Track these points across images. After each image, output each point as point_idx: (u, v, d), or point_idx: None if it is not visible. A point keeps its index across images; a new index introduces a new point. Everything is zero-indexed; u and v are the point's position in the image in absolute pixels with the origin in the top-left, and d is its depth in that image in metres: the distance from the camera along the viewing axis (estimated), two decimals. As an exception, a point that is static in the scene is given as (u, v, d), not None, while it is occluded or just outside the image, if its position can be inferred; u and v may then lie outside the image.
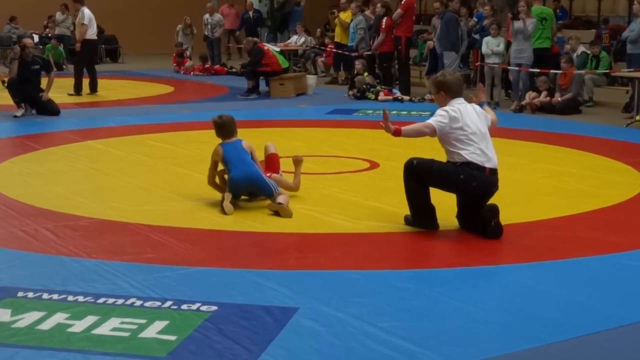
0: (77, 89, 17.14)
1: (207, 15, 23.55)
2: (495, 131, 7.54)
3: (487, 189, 6.95)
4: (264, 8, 32.00)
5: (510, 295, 5.53)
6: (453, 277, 5.93)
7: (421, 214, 7.13)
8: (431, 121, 6.93)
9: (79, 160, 10.07)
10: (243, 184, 7.83)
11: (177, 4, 25.07)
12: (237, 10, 25.15)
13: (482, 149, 6.91)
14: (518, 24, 15.22)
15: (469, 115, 6.94)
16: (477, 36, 16.95)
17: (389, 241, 6.80)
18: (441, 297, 5.45)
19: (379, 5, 17.70)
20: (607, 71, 16.08)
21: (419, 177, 7.05)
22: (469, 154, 6.85)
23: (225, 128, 8.11)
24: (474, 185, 6.83)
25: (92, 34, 17.27)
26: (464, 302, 5.35)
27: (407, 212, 7.25)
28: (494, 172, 6.95)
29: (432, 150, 7.42)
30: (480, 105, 7.31)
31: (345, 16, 19.87)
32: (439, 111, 6.97)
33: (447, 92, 7.05)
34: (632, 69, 14.65)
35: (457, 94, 7.07)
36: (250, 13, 24.27)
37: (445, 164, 7.05)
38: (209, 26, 23.47)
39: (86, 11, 17.21)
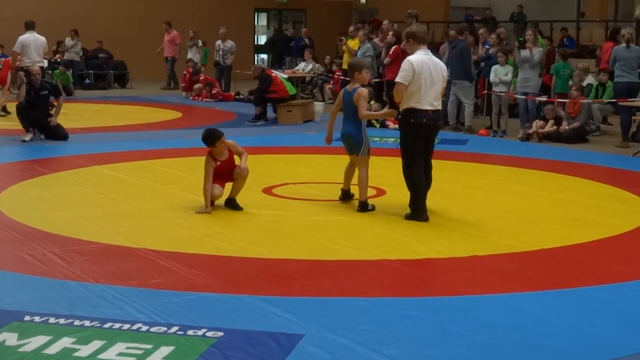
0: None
1: (219, 42, 23.62)
2: (502, 159, 7.57)
3: (431, 124, 8.56)
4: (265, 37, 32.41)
5: (515, 324, 5.53)
6: (459, 305, 5.93)
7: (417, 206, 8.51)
8: (400, 79, 8.43)
9: (87, 185, 10.11)
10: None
11: (185, 29, 25.17)
12: (173, 36, 25.41)
13: (429, 95, 8.45)
14: (525, 53, 15.29)
15: (423, 67, 8.43)
16: (482, 64, 16.99)
17: (395, 269, 6.81)
18: (447, 325, 5.46)
19: (390, 33, 17.76)
20: (615, 100, 16.11)
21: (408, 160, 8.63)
22: (416, 101, 8.44)
23: None
24: (424, 121, 8.45)
25: (28, 62, 16.95)
26: (470, 330, 5.36)
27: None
28: (435, 112, 8.57)
29: (437, 179, 7.44)
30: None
31: (353, 44, 19.96)
32: (403, 65, 8.50)
33: (414, 39, 8.64)
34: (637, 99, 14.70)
35: (423, 41, 8.70)
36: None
37: (401, 135, 8.70)
38: (221, 52, 23.55)
39: (21, 38, 17.24)
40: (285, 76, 18.90)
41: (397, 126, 16.15)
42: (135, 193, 9.74)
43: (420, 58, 8.50)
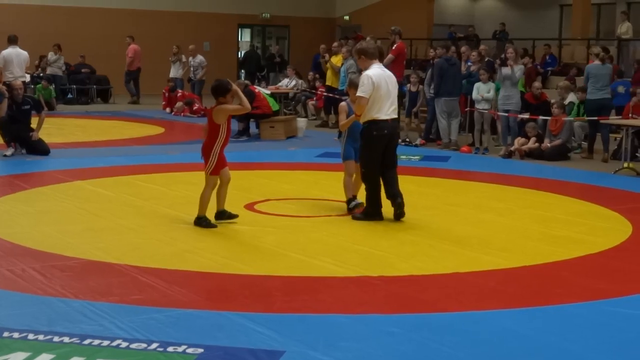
0: None
1: (190, 57, 23.69)
2: (484, 176, 7.58)
3: (392, 132, 9.24)
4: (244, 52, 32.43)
5: (497, 341, 5.52)
6: (440, 322, 5.92)
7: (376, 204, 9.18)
8: (362, 94, 8.95)
9: (68, 201, 10.06)
10: None
11: (168, 45, 25.16)
12: (128, 50, 25.55)
13: (386, 106, 9.07)
14: (506, 70, 15.38)
15: (381, 80, 9.03)
16: (464, 82, 17.06)
17: (377, 285, 6.80)
18: (428, 342, 5.45)
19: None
20: (596, 118, 16.19)
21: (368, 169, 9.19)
22: (376, 112, 9.03)
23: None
24: (386, 132, 9.09)
25: (10, 76, 16.93)
26: (451, 348, 5.35)
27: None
28: (394, 120, 9.28)
29: (420, 195, 7.46)
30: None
31: (336, 60, 19.99)
32: (362, 80, 9.02)
33: (366, 55, 9.18)
34: (619, 117, 14.79)
35: (374, 56, 9.20)
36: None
37: (363, 146, 9.18)
38: (192, 68, 23.61)
39: (3, 52, 17.16)
40: (268, 92, 18.91)
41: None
42: (117, 208, 9.70)
43: (377, 72, 9.13)
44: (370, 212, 9.27)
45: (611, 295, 6.63)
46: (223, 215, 8.91)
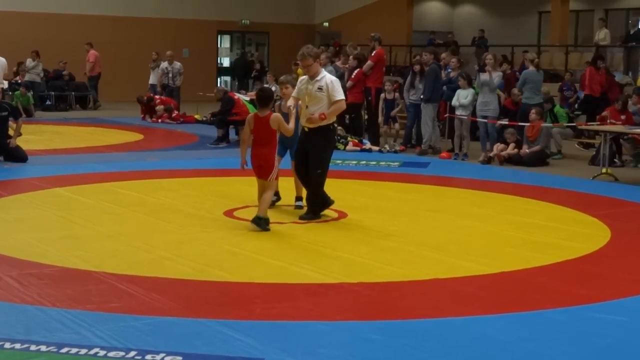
0: None
1: (165, 64, 23.51)
2: (464, 182, 7.59)
3: None
4: (235, 58, 32.42)
5: (477, 347, 5.52)
6: (421, 328, 5.91)
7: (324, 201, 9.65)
8: (342, 96, 9.51)
9: (46, 208, 9.99)
10: None
11: (148, 52, 25.09)
12: (89, 55, 25.69)
13: None
14: (484, 77, 15.45)
15: None
16: (444, 88, 17.09)
17: (357, 292, 6.78)
18: (408, 350, 5.44)
19: (351, 57, 17.81)
20: (574, 124, 16.29)
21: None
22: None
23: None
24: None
25: None
26: (431, 355, 5.34)
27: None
28: None
29: (399, 202, 7.46)
30: None
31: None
32: (337, 83, 9.57)
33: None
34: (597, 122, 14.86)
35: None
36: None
37: (325, 147, 9.57)
38: (170, 74, 23.47)
39: None
40: (248, 98, 18.87)
41: (355, 148, 16.33)
42: (95, 216, 9.64)
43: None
44: (327, 202, 9.73)
45: (590, 300, 6.64)
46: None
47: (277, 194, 10.10)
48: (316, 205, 9.67)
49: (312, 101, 9.49)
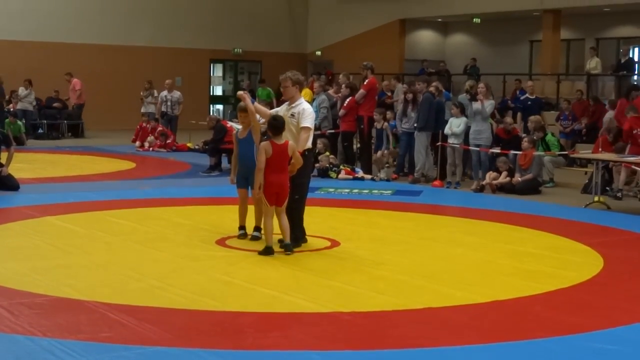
0: None
1: (164, 92, 23.54)
2: (456, 210, 7.58)
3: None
4: (228, 86, 32.51)
5: (470, 377, 5.49)
6: (413, 358, 5.89)
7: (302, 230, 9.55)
8: (310, 125, 9.52)
9: (37, 237, 9.95)
10: None
11: (141, 81, 25.14)
12: (74, 84, 25.84)
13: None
14: (476, 105, 15.49)
15: None
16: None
17: (349, 321, 6.75)
18: (401, 379, 5.40)
19: (343, 86, 17.86)
20: (566, 152, 16.32)
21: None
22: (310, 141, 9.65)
23: None
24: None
25: None
26: (423, 384, 5.31)
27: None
28: None
29: (392, 230, 7.45)
30: None
31: (306, 95, 19.98)
32: (309, 112, 9.61)
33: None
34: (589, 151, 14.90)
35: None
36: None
37: (302, 173, 9.39)
38: (169, 103, 23.48)
39: None
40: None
41: (347, 176, 16.33)
42: (86, 244, 9.60)
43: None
44: (300, 236, 9.56)
45: (584, 329, 6.62)
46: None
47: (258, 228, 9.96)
48: (297, 233, 9.53)
49: (286, 126, 9.45)
